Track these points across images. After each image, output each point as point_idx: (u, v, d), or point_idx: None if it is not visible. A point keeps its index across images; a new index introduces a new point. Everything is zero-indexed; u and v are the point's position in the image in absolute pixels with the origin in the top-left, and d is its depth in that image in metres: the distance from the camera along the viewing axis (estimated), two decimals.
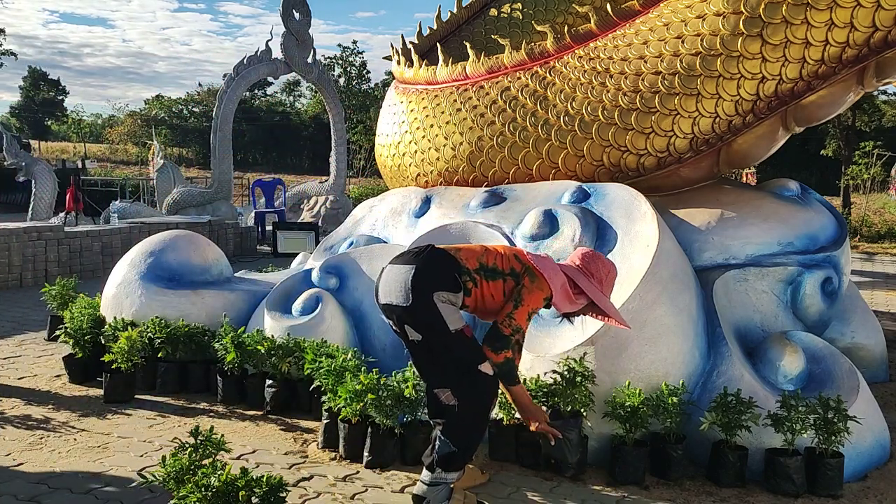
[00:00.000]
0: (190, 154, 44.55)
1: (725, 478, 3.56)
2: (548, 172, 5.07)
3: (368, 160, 28.27)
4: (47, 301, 6.31)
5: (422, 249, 3.29)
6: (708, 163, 4.84)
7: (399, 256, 3.32)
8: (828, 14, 4.29)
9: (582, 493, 3.49)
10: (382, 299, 3.26)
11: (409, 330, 3.18)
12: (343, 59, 39.53)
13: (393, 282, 3.20)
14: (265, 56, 15.19)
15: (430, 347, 3.19)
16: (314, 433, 4.18)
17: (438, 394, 3.19)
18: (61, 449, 3.95)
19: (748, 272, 4.46)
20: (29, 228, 9.29)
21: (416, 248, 3.44)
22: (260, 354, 4.56)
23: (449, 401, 3.15)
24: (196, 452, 2.84)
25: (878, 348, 5.19)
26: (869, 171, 18.25)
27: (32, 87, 55.22)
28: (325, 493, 3.46)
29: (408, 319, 3.16)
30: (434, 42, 6.61)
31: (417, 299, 3.13)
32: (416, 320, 3.16)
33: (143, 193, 20.20)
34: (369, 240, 5.56)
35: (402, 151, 5.93)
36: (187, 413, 4.57)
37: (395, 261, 3.29)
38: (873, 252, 14.37)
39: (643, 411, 3.53)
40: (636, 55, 4.76)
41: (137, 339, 4.81)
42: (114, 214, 13.28)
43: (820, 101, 4.56)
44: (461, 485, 3.29)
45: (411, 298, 3.13)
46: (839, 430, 3.44)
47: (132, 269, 5.41)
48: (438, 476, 3.16)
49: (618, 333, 3.75)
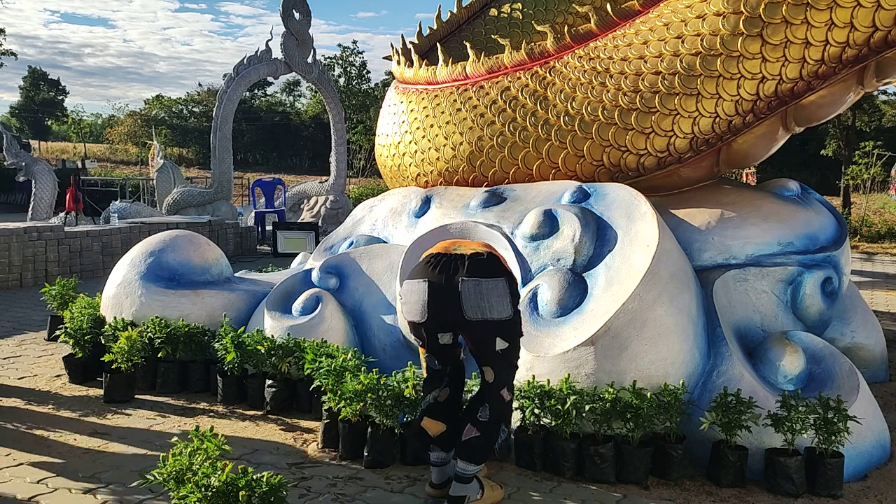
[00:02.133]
0: (190, 154, 44.56)
1: (725, 478, 3.56)
2: (548, 172, 5.07)
3: (368, 160, 28.28)
4: (47, 301, 6.31)
5: (481, 256, 3.20)
6: (708, 163, 4.84)
7: (457, 267, 3.15)
8: (828, 14, 4.29)
9: (582, 493, 3.49)
10: (473, 315, 3.11)
11: (498, 341, 3.16)
12: (343, 59, 39.53)
13: (491, 297, 3.11)
14: (265, 56, 15.20)
15: (507, 353, 3.22)
16: (314, 433, 4.18)
17: (504, 394, 3.26)
18: (61, 449, 3.95)
19: (748, 272, 4.46)
20: (29, 228, 9.29)
21: (471, 256, 3.21)
22: (260, 354, 4.56)
23: (507, 397, 3.28)
24: (196, 453, 2.83)
25: (878, 348, 5.19)
26: (869, 171, 18.24)
27: (32, 87, 55.24)
28: (325, 493, 3.46)
29: (505, 329, 3.17)
30: (434, 42, 6.61)
31: (517, 306, 3.21)
32: (514, 328, 3.22)
33: (143, 193, 20.21)
34: (369, 240, 5.56)
35: (402, 151, 5.93)
36: (187, 413, 4.57)
37: (478, 273, 3.13)
38: (873, 252, 14.37)
39: (645, 411, 3.53)
40: (636, 55, 4.76)
41: (137, 339, 4.81)
42: (114, 214, 13.28)
43: (820, 101, 4.56)
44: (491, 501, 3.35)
45: (512, 309, 3.17)
46: (839, 430, 3.44)
47: (132, 269, 5.41)
48: (474, 470, 3.24)
49: (618, 333, 3.75)
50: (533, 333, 3.97)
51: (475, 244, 3.38)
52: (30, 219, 13.77)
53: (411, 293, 3.22)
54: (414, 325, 3.30)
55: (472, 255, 3.21)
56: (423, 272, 3.22)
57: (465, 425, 3.24)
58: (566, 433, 3.63)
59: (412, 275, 3.27)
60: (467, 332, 3.22)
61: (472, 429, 3.21)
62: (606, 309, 3.84)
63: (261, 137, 43.69)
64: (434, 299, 3.15)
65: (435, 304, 3.16)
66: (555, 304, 4.04)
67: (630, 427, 3.57)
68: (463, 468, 3.23)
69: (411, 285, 3.23)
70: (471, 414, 3.27)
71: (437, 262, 3.21)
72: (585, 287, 4.10)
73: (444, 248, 3.30)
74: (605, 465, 3.57)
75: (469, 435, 3.21)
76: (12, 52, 34.65)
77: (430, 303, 3.16)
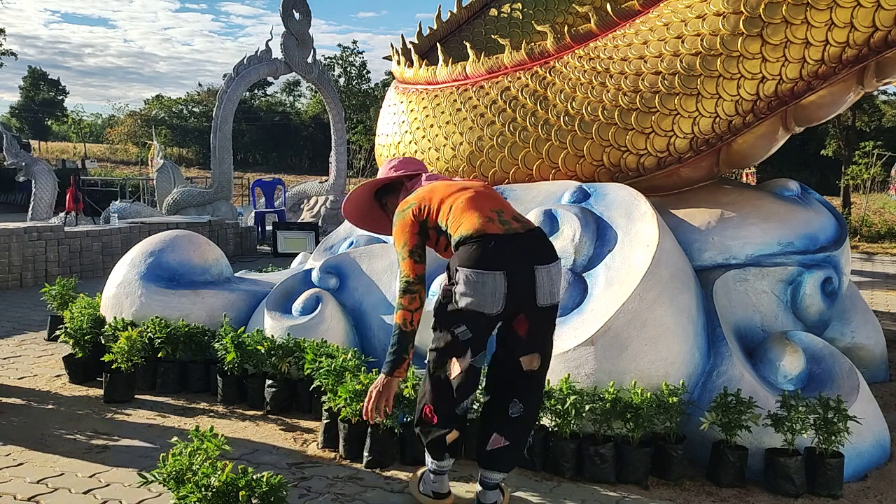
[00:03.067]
0: (190, 154, 44.60)
1: (725, 478, 3.56)
2: (548, 172, 5.07)
3: (368, 160, 28.27)
4: (47, 301, 6.31)
5: (532, 236, 3.01)
6: (708, 163, 4.84)
7: (531, 252, 2.94)
8: (828, 14, 4.29)
9: (582, 493, 3.49)
10: (545, 302, 2.94)
11: (553, 325, 3.05)
12: (343, 59, 39.56)
13: (557, 281, 2.98)
14: (265, 56, 15.20)
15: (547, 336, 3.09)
16: (314, 433, 4.18)
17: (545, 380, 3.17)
18: (61, 449, 3.95)
19: (748, 272, 4.46)
20: (29, 228, 9.29)
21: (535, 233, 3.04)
22: (260, 354, 4.56)
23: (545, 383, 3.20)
24: (196, 453, 2.83)
25: (878, 348, 5.19)
26: (869, 171, 18.24)
27: (32, 87, 55.27)
28: (325, 493, 3.46)
29: (557, 312, 3.08)
30: (434, 42, 6.61)
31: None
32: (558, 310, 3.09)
33: (143, 193, 20.22)
34: (369, 240, 5.56)
35: (402, 151, 5.93)
36: (187, 413, 4.57)
37: (545, 260, 2.94)
38: (873, 252, 14.37)
39: (645, 412, 3.53)
40: (636, 55, 4.76)
41: (137, 339, 4.81)
42: (114, 214, 13.28)
43: (820, 101, 4.56)
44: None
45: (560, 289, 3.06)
46: (839, 430, 3.44)
47: (132, 269, 5.41)
48: (501, 477, 3.14)
49: (618, 333, 3.76)
50: None
51: (513, 210, 3.15)
52: (30, 219, 13.77)
53: (484, 284, 2.84)
54: (478, 317, 2.92)
55: (535, 231, 3.03)
56: (489, 260, 2.86)
57: (491, 434, 3.03)
58: (566, 433, 3.63)
59: (479, 263, 2.86)
60: (529, 318, 2.97)
61: (499, 438, 3.01)
62: (606, 309, 3.84)
63: (261, 137, 43.73)
64: (513, 289, 2.86)
65: (513, 293, 2.86)
66: None
67: (630, 427, 3.57)
68: (489, 476, 3.08)
69: (484, 277, 2.84)
70: (496, 420, 3.07)
71: (506, 246, 2.90)
72: (585, 287, 4.11)
73: (501, 226, 2.96)
74: (605, 465, 3.57)
75: (496, 445, 3.01)
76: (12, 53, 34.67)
77: (510, 293, 2.86)
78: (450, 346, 3.01)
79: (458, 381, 3.03)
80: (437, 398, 3.07)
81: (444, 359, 3.04)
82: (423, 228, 3.12)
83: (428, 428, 3.11)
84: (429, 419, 3.10)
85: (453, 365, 3.03)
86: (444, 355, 3.04)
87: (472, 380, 3.05)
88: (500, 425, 3.05)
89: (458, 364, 3.01)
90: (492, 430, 3.06)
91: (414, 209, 3.14)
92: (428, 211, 3.11)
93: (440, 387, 3.06)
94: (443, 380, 3.05)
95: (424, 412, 3.11)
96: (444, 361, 3.05)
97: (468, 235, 2.94)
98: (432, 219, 3.10)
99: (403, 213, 3.17)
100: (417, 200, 3.17)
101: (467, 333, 2.96)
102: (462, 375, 3.01)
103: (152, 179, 17.39)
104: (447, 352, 3.02)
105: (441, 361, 3.05)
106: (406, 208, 3.18)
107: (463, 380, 3.02)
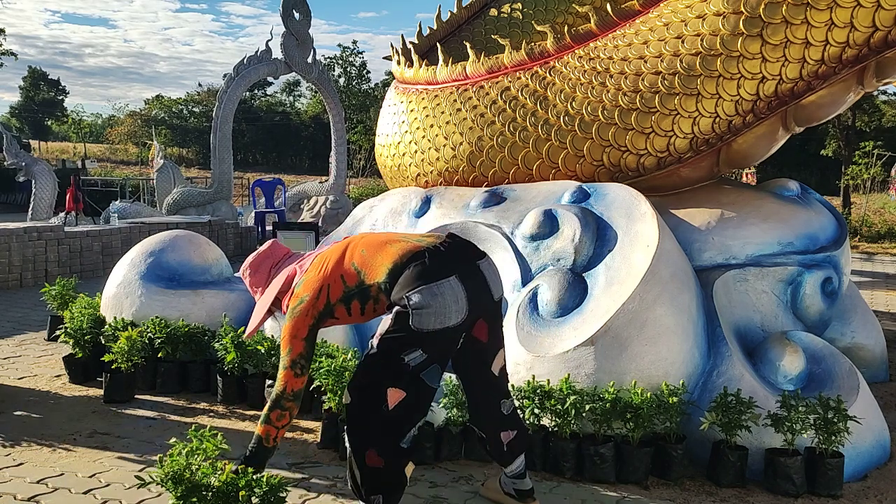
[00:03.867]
0: (190, 154, 44.60)
1: (725, 478, 3.56)
2: (548, 172, 5.07)
3: (368, 160, 28.30)
4: (47, 301, 6.31)
5: (457, 240, 2.96)
6: (708, 163, 4.84)
7: (466, 252, 2.90)
8: (828, 14, 4.29)
9: (582, 493, 3.49)
10: (498, 294, 2.92)
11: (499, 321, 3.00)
12: (343, 59, 39.56)
13: (497, 272, 2.95)
14: (265, 56, 15.19)
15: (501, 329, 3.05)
16: (314, 433, 4.18)
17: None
18: (61, 449, 3.95)
19: (748, 272, 4.46)
20: (29, 228, 9.29)
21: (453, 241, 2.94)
22: (260, 354, 4.56)
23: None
24: (195, 453, 2.83)
25: (878, 348, 5.20)
26: (869, 171, 18.24)
27: (32, 87, 55.24)
28: (325, 493, 3.46)
29: (502, 306, 3.06)
30: (434, 42, 6.61)
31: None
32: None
33: (143, 193, 20.22)
34: None
35: (402, 151, 5.93)
36: (187, 413, 4.57)
37: (473, 258, 2.88)
38: (873, 252, 14.37)
39: (645, 412, 3.53)
40: (636, 55, 4.76)
41: (137, 339, 4.81)
42: (114, 214, 13.28)
43: (820, 101, 4.56)
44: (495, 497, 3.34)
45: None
46: (839, 430, 3.44)
47: (132, 269, 5.41)
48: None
49: (618, 333, 3.75)
50: (533, 333, 3.98)
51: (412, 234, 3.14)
52: (30, 219, 13.76)
53: (443, 295, 2.70)
54: (442, 334, 2.73)
55: (453, 236, 2.97)
56: (436, 271, 2.74)
57: (498, 435, 3.08)
58: (566, 433, 3.63)
59: (428, 277, 2.72)
60: (489, 316, 2.91)
61: (508, 433, 3.10)
62: (606, 309, 3.84)
63: (261, 137, 43.73)
64: (470, 290, 2.76)
65: (472, 294, 2.76)
66: (555, 304, 4.04)
67: (630, 427, 3.57)
68: (517, 464, 3.17)
69: (440, 287, 2.70)
70: (495, 423, 3.08)
71: (440, 255, 2.80)
72: (585, 287, 4.10)
73: (419, 243, 2.87)
74: (605, 465, 3.57)
75: (507, 439, 3.10)
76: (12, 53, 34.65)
77: (469, 295, 2.74)
78: (387, 375, 2.74)
79: (399, 411, 2.74)
80: (378, 437, 2.76)
81: (379, 390, 2.74)
82: (326, 312, 2.92)
83: (378, 477, 2.76)
84: (376, 466, 2.75)
85: (391, 394, 2.73)
86: (377, 387, 2.75)
87: (426, 401, 2.80)
88: (501, 424, 3.11)
89: (395, 392, 2.73)
90: (496, 431, 3.10)
91: (309, 301, 2.91)
92: (328, 290, 2.90)
93: (379, 423, 2.75)
94: (383, 413, 2.74)
95: (367, 460, 2.75)
96: (378, 393, 2.74)
97: (396, 264, 2.79)
98: (338, 292, 2.90)
99: (295, 311, 2.92)
100: (310, 289, 2.93)
101: (420, 357, 2.72)
102: (419, 396, 2.76)
103: (152, 179, 17.38)
104: (382, 382, 2.74)
105: (374, 394, 2.74)
106: (297, 304, 2.92)
107: (421, 399, 2.77)
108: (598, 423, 3.61)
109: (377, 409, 2.74)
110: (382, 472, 2.76)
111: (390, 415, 2.73)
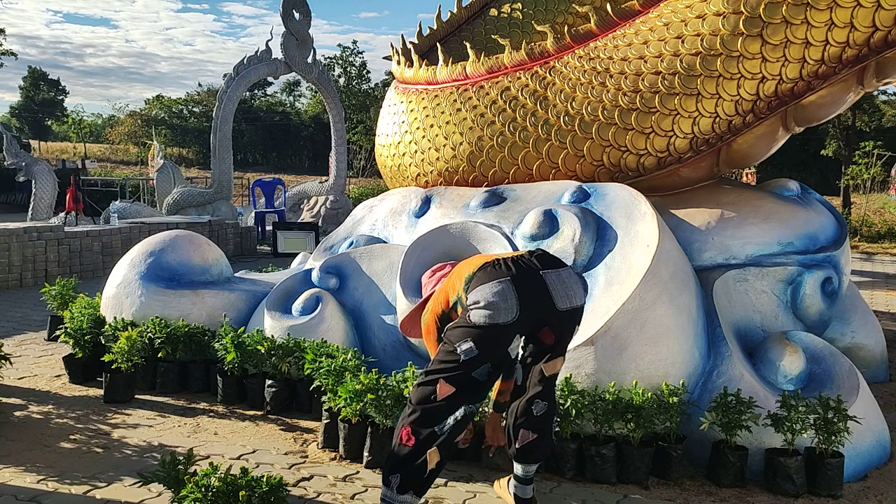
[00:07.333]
0: (190, 154, 44.59)
1: (725, 478, 3.56)
2: (548, 172, 5.07)
3: (368, 160, 28.29)
4: (47, 301, 6.31)
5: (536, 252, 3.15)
6: (708, 163, 4.84)
7: (532, 261, 3.04)
8: (828, 14, 4.29)
9: (582, 493, 3.50)
10: (564, 305, 2.98)
11: (576, 329, 3.14)
12: (343, 59, 39.54)
13: (572, 284, 3.03)
14: (265, 56, 15.21)
15: (569, 340, 3.16)
16: (314, 433, 4.18)
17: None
18: (61, 449, 3.95)
19: (748, 272, 4.46)
20: (29, 228, 9.29)
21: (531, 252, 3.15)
22: (260, 354, 4.56)
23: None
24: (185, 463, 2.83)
25: (878, 348, 5.20)
26: (869, 171, 18.23)
27: (32, 87, 55.24)
28: (325, 493, 3.46)
29: (581, 316, 3.13)
30: (434, 42, 6.61)
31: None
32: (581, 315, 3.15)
33: (143, 193, 20.22)
34: (369, 240, 5.56)
35: (402, 151, 5.93)
36: (187, 413, 4.57)
37: (551, 265, 3.04)
38: (873, 252, 14.37)
39: (645, 412, 3.53)
40: (636, 55, 4.76)
41: (137, 339, 4.81)
42: (114, 214, 13.28)
43: (820, 101, 4.56)
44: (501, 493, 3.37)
45: (585, 294, 3.17)
46: (839, 430, 3.44)
47: (132, 269, 5.41)
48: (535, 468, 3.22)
49: (618, 333, 3.76)
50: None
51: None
52: (30, 219, 13.77)
53: (494, 293, 2.88)
54: (492, 330, 2.89)
55: (533, 250, 3.16)
56: (494, 274, 2.95)
57: (519, 431, 3.11)
58: (567, 433, 3.63)
59: (485, 279, 2.94)
60: (554, 325, 3.01)
61: (527, 433, 3.09)
62: (606, 309, 3.84)
63: (261, 137, 43.72)
64: (523, 293, 2.90)
65: (525, 297, 2.89)
66: None
67: (631, 427, 3.57)
68: (527, 469, 3.17)
69: (493, 287, 2.89)
70: (521, 420, 3.11)
71: (506, 262, 3.00)
72: (585, 287, 4.10)
73: (490, 256, 3.16)
74: (605, 465, 3.57)
75: (525, 440, 3.09)
76: (12, 52, 34.65)
77: (521, 297, 2.88)
78: (445, 366, 2.91)
79: (444, 401, 2.89)
80: (417, 418, 2.91)
81: (435, 378, 2.91)
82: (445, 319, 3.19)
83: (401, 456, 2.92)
84: (404, 444, 2.92)
85: (441, 386, 2.89)
86: (434, 380, 2.91)
87: (475, 394, 2.94)
88: (525, 423, 3.12)
89: (446, 386, 2.89)
90: (518, 428, 3.13)
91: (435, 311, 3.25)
92: (446, 303, 3.19)
93: (424, 410, 2.91)
94: (431, 402, 2.90)
95: (400, 437, 2.93)
96: (433, 381, 2.91)
97: (468, 274, 3.07)
98: (446, 302, 3.18)
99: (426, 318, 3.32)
100: (433, 305, 3.29)
101: (472, 352, 2.86)
102: (450, 396, 2.88)
103: (152, 179, 17.39)
104: (439, 371, 2.92)
105: (430, 383, 2.93)
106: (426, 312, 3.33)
107: (450, 399, 2.89)
108: (599, 424, 3.61)
109: (428, 398, 2.92)
110: (409, 451, 2.90)
111: (436, 405, 2.91)
